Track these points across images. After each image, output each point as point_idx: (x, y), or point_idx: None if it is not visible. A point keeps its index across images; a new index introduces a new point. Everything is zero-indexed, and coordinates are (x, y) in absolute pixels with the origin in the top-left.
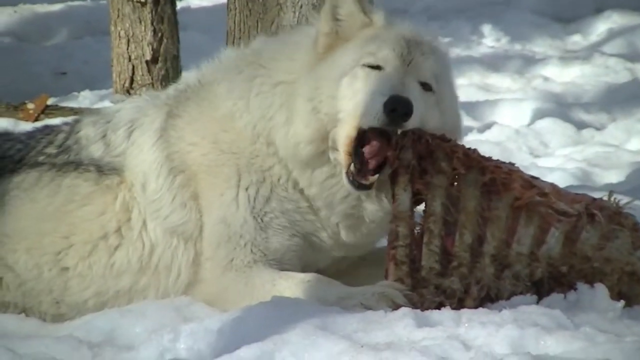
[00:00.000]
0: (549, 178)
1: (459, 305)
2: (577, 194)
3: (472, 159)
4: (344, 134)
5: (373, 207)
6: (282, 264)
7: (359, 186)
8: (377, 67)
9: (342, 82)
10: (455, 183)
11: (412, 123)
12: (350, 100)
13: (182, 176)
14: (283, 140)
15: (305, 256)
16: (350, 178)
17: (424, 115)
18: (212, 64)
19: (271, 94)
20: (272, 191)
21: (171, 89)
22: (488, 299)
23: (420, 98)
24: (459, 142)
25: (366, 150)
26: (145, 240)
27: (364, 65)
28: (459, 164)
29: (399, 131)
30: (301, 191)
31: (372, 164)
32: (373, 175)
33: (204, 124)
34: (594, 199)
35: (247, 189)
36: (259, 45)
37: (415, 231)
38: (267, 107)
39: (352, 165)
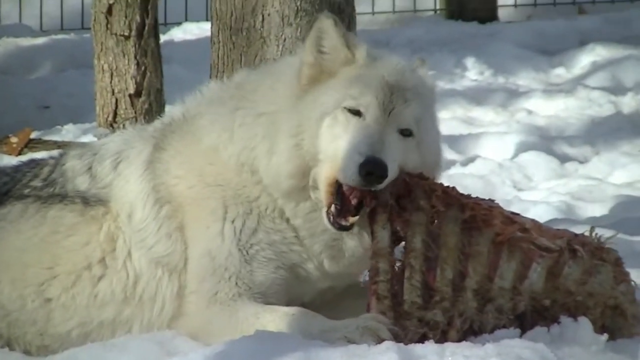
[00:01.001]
0: (533, 211)
1: (442, 337)
2: (558, 229)
3: (451, 196)
4: (324, 175)
5: (353, 243)
6: (266, 297)
7: (339, 227)
8: (357, 113)
9: (324, 123)
10: (435, 220)
11: (388, 180)
12: (330, 143)
13: (168, 207)
14: (265, 170)
15: (291, 289)
16: (331, 219)
17: (402, 160)
18: (195, 98)
19: (254, 125)
20: (259, 222)
21: (157, 122)
22: (471, 332)
23: (398, 146)
24: (438, 178)
25: (345, 189)
26: (130, 271)
27: (345, 108)
28: (438, 202)
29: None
30: (287, 220)
31: (353, 202)
32: (353, 216)
33: (189, 157)
34: (576, 235)
35: (233, 221)
36: (242, 78)
37: (396, 267)
38: (250, 138)
39: (333, 206)
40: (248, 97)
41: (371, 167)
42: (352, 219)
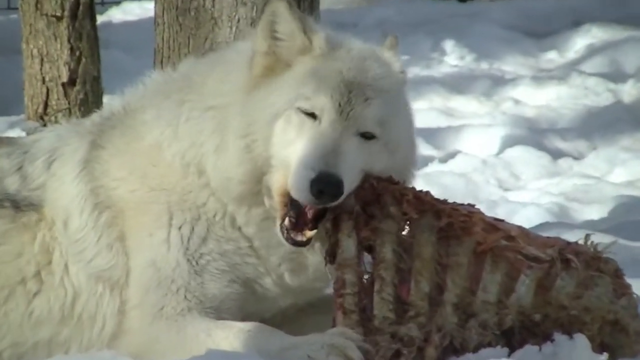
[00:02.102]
0: (521, 214)
1: (418, 354)
2: (548, 237)
3: (425, 201)
4: (277, 185)
5: (315, 259)
6: (220, 313)
7: (294, 243)
8: (312, 115)
9: (276, 125)
10: (407, 229)
11: (346, 194)
12: (282, 149)
13: (108, 213)
14: (213, 170)
15: (247, 305)
16: (284, 234)
17: (366, 165)
18: (136, 89)
19: (202, 119)
20: (208, 230)
21: (96, 116)
22: (452, 349)
23: (360, 152)
24: (412, 180)
25: (299, 208)
26: (68, 287)
27: (298, 109)
28: (410, 208)
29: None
30: (240, 229)
31: (309, 214)
32: (311, 230)
33: (131, 156)
34: (569, 243)
35: (180, 228)
36: (188, 68)
37: (365, 279)
38: (197, 134)
39: (287, 218)
40: (196, 89)
41: (323, 185)
42: (308, 234)
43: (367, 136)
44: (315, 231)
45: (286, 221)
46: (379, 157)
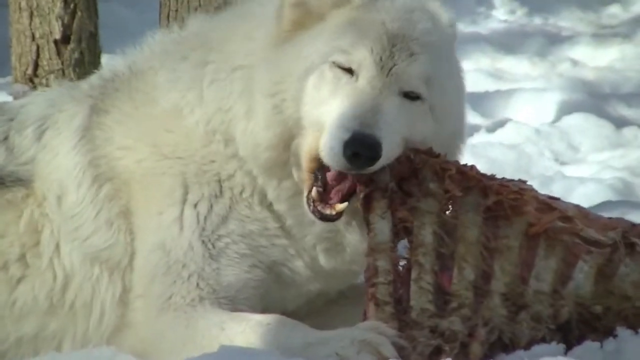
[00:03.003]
0: (580, 191)
1: (462, 351)
2: (610, 218)
3: (470, 177)
4: (306, 149)
5: (354, 237)
6: (236, 304)
7: (322, 217)
8: (349, 70)
9: (308, 81)
10: (450, 208)
11: (382, 162)
12: (314, 108)
13: (110, 186)
14: (242, 136)
15: (269, 293)
16: (311, 206)
17: (408, 132)
18: (141, 50)
19: (229, 80)
20: (231, 208)
21: (95, 78)
22: (500, 345)
23: (401, 114)
24: (460, 153)
25: (329, 176)
26: (58, 270)
27: (333, 63)
28: (453, 185)
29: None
30: (270, 207)
31: (335, 194)
32: (341, 202)
33: (140, 122)
34: (634, 225)
35: (196, 205)
36: (201, 25)
37: (400, 266)
38: (225, 97)
39: (314, 189)
40: (217, 48)
41: (358, 147)
42: (338, 207)
43: (410, 96)
44: (346, 204)
45: (313, 192)
46: (422, 122)
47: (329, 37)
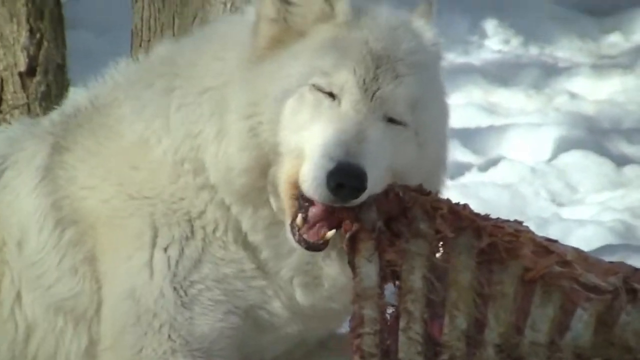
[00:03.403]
0: (579, 234)
1: None
2: (611, 262)
3: (463, 217)
4: (285, 177)
5: (332, 271)
6: (210, 356)
7: (309, 246)
8: (330, 94)
9: (286, 104)
10: (441, 250)
11: (367, 193)
12: (293, 134)
13: (74, 230)
14: (214, 160)
15: (246, 341)
16: (296, 235)
17: (392, 160)
18: (104, 83)
19: (197, 104)
20: (204, 250)
21: (56, 114)
22: None
23: (386, 142)
24: (442, 185)
25: (312, 212)
26: (19, 321)
27: (313, 86)
28: (445, 225)
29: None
30: (246, 243)
31: (320, 227)
32: (329, 229)
33: (104, 159)
34: (636, 270)
35: (166, 249)
36: (168, 49)
37: (387, 314)
38: (194, 122)
39: (299, 216)
40: (185, 72)
41: (344, 177)
42: (328, 234)
43: (394, 122)
44: (333, 231)
45: (298, 219)
46: (406, 149)
47: (309, 57)
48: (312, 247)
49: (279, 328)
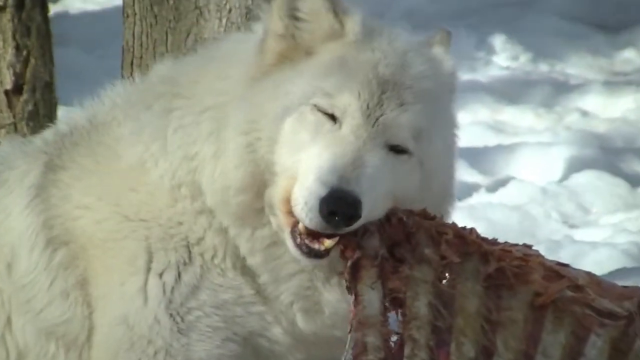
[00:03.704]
0: (592, 258)
1: None
2: (625, 287)
3: (469, 242)
4: (280, 196)
5: (332, 297)
6: None
7: (310, 251)
8: (332, 116)
9: (285, 122)
10: (447, 276)
11: (362, 221)
12: (290, 154)
13: (65, 251)
14: (210, 181)
15: None
16: (297, 239)
17: (393, 188)
18: (101, 103)
19: (196, 124)
20: (202, 277)
21: (49, 133)
22: None
23: (386, 169)
24: (449, 214)
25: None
26: (10, 347)
27: (315, 106)
28: (450, 251)
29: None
30: (244, 269)
31: (322, 236)
32: (329, 237)
33: (102, 178)
34: None
35: (161, 275)
36: (168, 69)
37: (392, 342)
38: (191, 143)
39: (300, 223)
40: (185, 92)
41: (336, 205)
42: (327, 242)
43: (397, 150)
44: (336, 239)
45: (300, 225)
46: (409, 178)
47: (312, 76)
48: (313, 253)
49: (279, 356)
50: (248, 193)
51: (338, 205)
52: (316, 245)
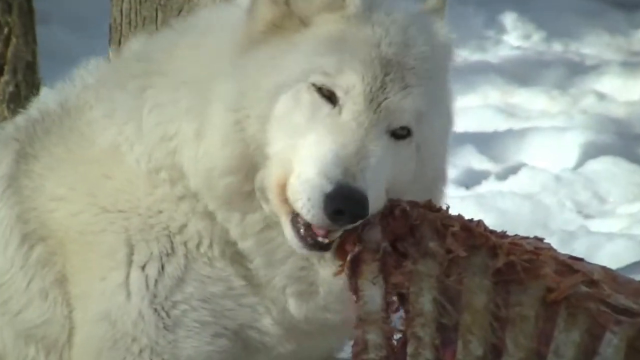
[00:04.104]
0: (608, 250)
1: None
2: None
3: (476, 235)
4: (274, 183)
5: (328, 273)
6: None
7: (314, 245)
8: (331, 97)
9: (279, 100)
10: (453, 271)
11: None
12: (285, 136)
13: (43, 248)
14: (193, 162)
15: None
16: (301, 231)
17: (393, 175)
18: (73, 84)
19: (174, 101)
20: (187, 268)
21: (21, 119)
22: None
23: (388, 158)
24: (441, 197)
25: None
26: None
27: (313, 85)
28: (457, 244)
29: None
30: (233, 258)
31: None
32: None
33: (75, 166)
34: None
35: (143, 267)
36: (143, 45)
37: (394, 339)
38: (169, 121)
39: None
40: (160, 68)
41: (344, 203)
42: (333, 235)
43: (397, 135)
44: (340, 231)
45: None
46: (407, 163)
47: (311, 51)
48: (318, 245)
49: (270, 348)
50: (236, 175)
51: (345, 204)
52: (320, 238)
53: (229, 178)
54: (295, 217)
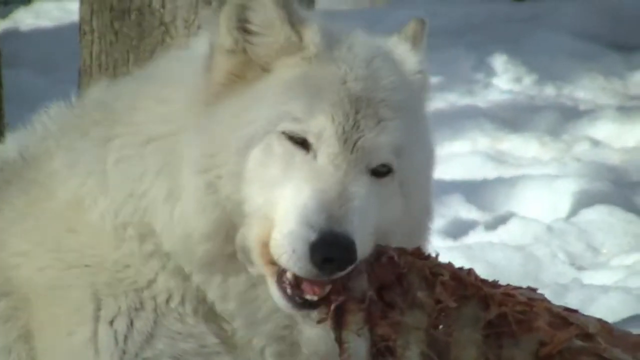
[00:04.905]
0: (603, 303)
1: None
2: None
3: (467, 284)
4: (256, 241)
5: (313, 333)
6: None
7: (303, 304)
8: (304, 143)
9: (251, 155)
10: (442, 323)
11: (355, 263)
12: (261, 190)
13: (6, 303)
14: (167, 227)
15: None
16: (288, 291)
17: (379, 215)
18: (34, 129)
19: (139, 157)
20: (156, 323)
21: None
22: None
23: (372, 197)
24: (427, 239)
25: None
26: None
27: (283, 133)
28: (446, 294)
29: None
30: (207, 316)
31: (314, 283)
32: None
33: (38, 220)
34: None
35: (112, 323)
36: (104, 94)
37: None
38: (137, 179)
39: (288, 272)
40: (123, 118)
41: (331, 251)
42: (320, 291)
43: (378, 173)
44: (329, 287)
45: (288, 274)
46: (392, 201)
47: (276, 98)
48: (306, 305)
49: None
50: (215, 239)
51: (332, 251)
52: (309, 296)
53: (208, 244)
54: (280, 276)
